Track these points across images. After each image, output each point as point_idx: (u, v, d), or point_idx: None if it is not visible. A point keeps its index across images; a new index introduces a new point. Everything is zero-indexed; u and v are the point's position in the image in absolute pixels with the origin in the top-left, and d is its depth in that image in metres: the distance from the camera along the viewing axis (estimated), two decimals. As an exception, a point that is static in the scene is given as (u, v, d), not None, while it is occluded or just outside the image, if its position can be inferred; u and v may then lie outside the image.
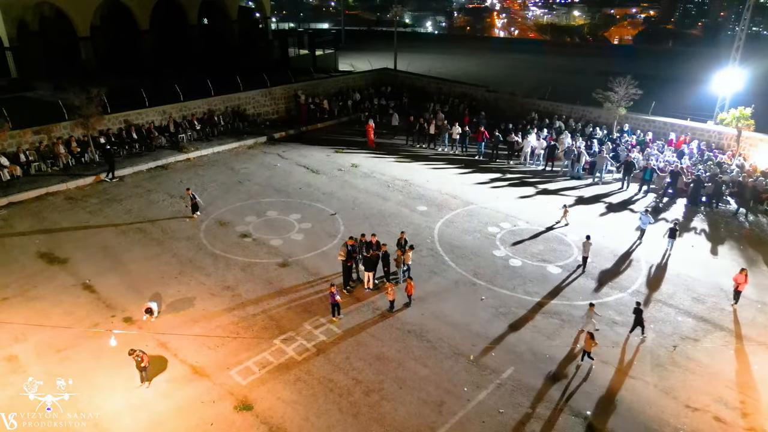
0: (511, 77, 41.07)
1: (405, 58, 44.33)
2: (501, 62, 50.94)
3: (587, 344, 13.41)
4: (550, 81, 37.87)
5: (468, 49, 58.08)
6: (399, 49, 44.06)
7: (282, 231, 19.97)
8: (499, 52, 57.25)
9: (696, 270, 18.09)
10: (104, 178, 23.77)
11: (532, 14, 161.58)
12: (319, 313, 15.38)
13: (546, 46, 77.02)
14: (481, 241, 19.72)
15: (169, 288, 16.26)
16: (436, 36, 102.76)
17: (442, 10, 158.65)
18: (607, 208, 22.83)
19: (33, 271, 16.88)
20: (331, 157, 27.91)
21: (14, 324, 14.35)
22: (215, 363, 13.39)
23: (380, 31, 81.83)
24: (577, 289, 16.94)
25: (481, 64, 49.55)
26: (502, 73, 43.38)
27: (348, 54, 49.64)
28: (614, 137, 29.00)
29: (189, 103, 29.17)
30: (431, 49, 56.98)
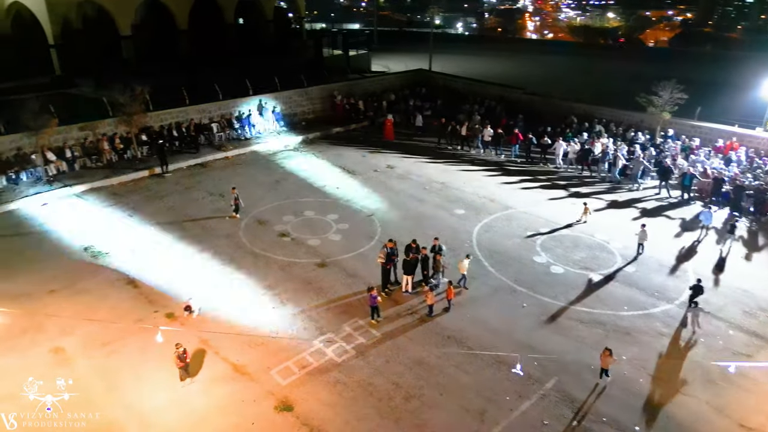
0: (545, 79, 40.30)
1: (436, 59, 44.09)
2: (533, 64, 50.11)
3: (604, 360, 12.97)
4: (585, 83, 37.23)
5: (499, 51, 57.28)
6: (432, 50, 43.84)
7: (320, 231, 19.98)
8: (531, 54, 56.31)
9: (747, 282, 17.40)
10: (159, 171, 24.39)
11: (564, 16, 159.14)
12: (357, 314, 15.30)
13: (579, 48, 75.63)
14: (521, 246, 19.37)
15: (210, 285, 16.39)
16: (466, 37, 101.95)
17: (473, 11, 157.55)
18: (646, 215, 22.21)
19: (79, 265, 17.26)
20: (367, 158, 27.87)
21: (62, 317, 14.66)
22: (256, 362, 13.43)
23: (411, 32, 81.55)
24: (621, 299, 16.48)
25: (514, 65, 48.86)
26: (535, 75, 42.62)
27: (381, 55, 49.56)
28: (657, 142, 28.26)
29: (227, 102, 29.50)
30: (462, 50, 56.44)
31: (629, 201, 23.55)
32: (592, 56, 56.07)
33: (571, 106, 32.82)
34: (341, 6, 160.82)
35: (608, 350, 12.84)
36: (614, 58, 57.52)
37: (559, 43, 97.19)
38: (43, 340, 13.88)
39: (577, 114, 32.16)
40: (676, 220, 21.74)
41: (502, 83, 37.83)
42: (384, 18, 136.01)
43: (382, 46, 57.23)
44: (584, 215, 21.25)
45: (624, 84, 35.43)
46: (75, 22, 41.47)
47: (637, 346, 14.47)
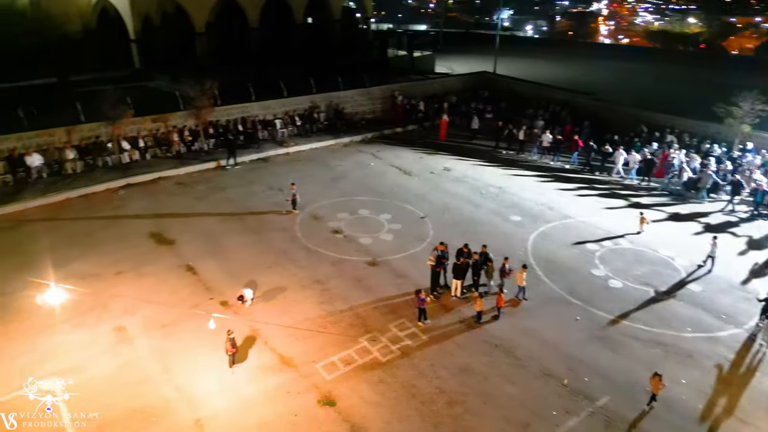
0: (616, 86, 38.79)
1: (502, 61, 43.34)
2: (605, 69, 48.23)
3: (654, 385, 12.24)
4: (659, 91, 35.52)
5: (569, 55, 55.50)
6: (499, 53, 43.17)
7: (372, 230, 20.10)
8: (603, 59, 54.18)
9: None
10: (225, 164, 25.37)
11: (641, 20, 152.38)
12: (405, 316, 15.27)
13: (655, 54, 72.16)
14: (579, 257, 18.73)
15: (263, 276, 16.84)
16: (535, 40, 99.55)
17: (544, 14, 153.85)
18: (712, 230, 20.96)
19: (144, 249, 18.17)
20: (424, 160, 27.79)
21: (126, 297, 15.47)
22: (302, 355, 13.66)
23: (478, 34, 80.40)
24: (685, 320, 15.61)
25: (584, 70, 47.25)
26: (605, 81, 41.02)
27: (445, 56, 49.19)
28: (734, 156, 26.58)
29: (291, 99, 30.22)
30: (530, 54, 55.13)
31: (694, 215, 22.38)
32: (669, 63, 53.33)
33: (642, 115, 31.39)
34: (409, 7, 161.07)
35: (658, 375, 12.16)
36: (694, 66, 54.70)
37: (634, 48, 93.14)
38: (108, 318, 14.71)
39: (647, 123, 30.77)
40: (744, 237, 20.46)
41: (569, 88, 36.72)
42: (452, 20, 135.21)
43: (447, 47, 56.82)
44: (641, 225, 20.48)
45: (702, 93, 33.52)
46: (155, 19, 43.75)
47: (698, 370, 13.67)
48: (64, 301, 14.11)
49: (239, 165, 25.62)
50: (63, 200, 21.20)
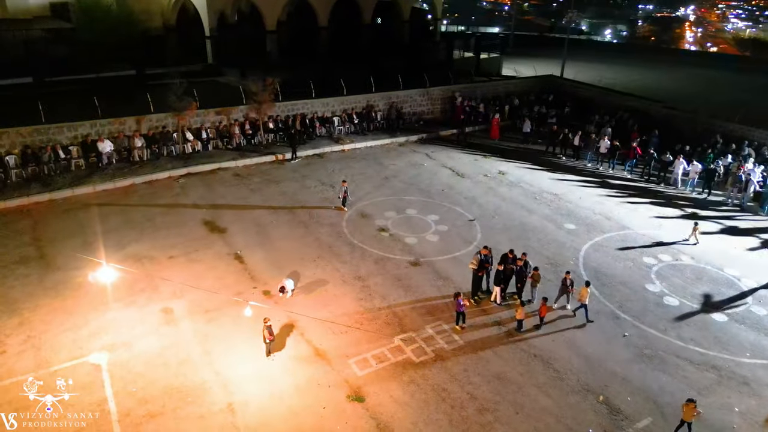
0: (695, 94, 36.51)
1: (575, 66, 42.00)
2: (685, 77, 45.56)
3: (686, 412, 11.31)
4: (744, 102, 33.15)
5: (648, 61, 52.61)
6: (571, 57, 41.87)
7: (418, 230, 19.97)
8: (685, 66, 51.16)
9: None
10: (287, 158, 26.13)
11: (731, 27, 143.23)
12: (442, 318, 15.07)
13: (743, 62, 67.27)
14: (633, 271, 17.81)
15: (307, 269, 17.11)
16: (614, 45, 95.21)
17: (625, 18, 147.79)
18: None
19: (197, 236, 18.89)
20: (479, 162, 27.33)
21: (175, 281, 16.15)
22: (336, 349, 13.76)
23: (552, 38, 77.96)
24: (744, 344, 14.52)
25: (661, 77, 44.83)
26: (684, 89, 38.77)
27: (515, 59, 48.07)
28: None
29: (350, 97, 30.54)
30: (606, 59, 52.90)
31: (762, 231, 20.81)
32: (758, 72, 49.61)
33: (718, 125, 29.49)
34: (484, 10, 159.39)
35: (692, 402, 11.29)
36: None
37: (721, 56, 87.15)
38: (157, 299, 15.40)
39: (723, 134, 28.86)
40: None
41: (640, 95, 35.00)
42: (527, 23, 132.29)
43: (518, 50, 55.63)
44: (694, 235, 19.58)
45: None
46: (230, 17, 45.54)
47: (755, 399, 12.68)
48: (118, 281, 14.90)
49: (299, 158, 26.22)
50: (129, 185, 22.42)
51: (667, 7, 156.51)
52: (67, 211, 20.15)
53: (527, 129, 30.85)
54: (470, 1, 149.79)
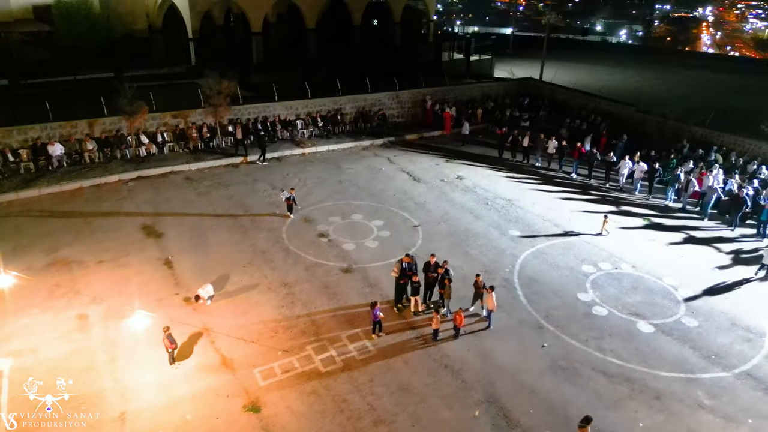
0: (686, 98, 35.83)
1: (572, 68, 41.78)
2: (685, 79, 44.43)
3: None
4: (735, 105, 32.71)
5: (658, 64, 51.47)
6: (572, 59, 41.55)
7: (359, 236, 19.78)
8: (691, 69, 49.88)
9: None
10: (256, 160, 26.30)
11: (750, 27, 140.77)
12: (361, 326, 14.87)
13: (754, 64, 65.15)
14: (569, 279, 17.51)
15: (235, 275, 16.99)
16: (625, 47, 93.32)
17: (641, 18, 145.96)
18: (719, 257, 19.34)
19: (132, 240, 18.83)
20: (440, 167, 27.08)
21: (98, 286, 16.10)
22: (244, 358, 13.61)
23: (559, 39, 76.37)
24: (666, 357, 14.19)
25: (658, 80, 43.90)
26: (677, 92, 37.88)
27: (514, 61, 47.36)
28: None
29: (315, 100, 30.42)
30: (610, 60, 51.94)
31: (715, 240, 20.55)
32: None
33: (688, 129, 28.99)
34: (498, 10, 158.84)
35: (585, 426, 10.93)
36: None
37: (739, 59, 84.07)
38: (75, 305, 15.32)
39: (692, 138, 28.40)
40: (752, 267, 18.49)
41: (615, 98, 34.53)
42: (539, 23, 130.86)
43: (521, 52, 54.99)
44: (603, 227, 20.39)
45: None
46: (218, 18, 45.57)
47: (663, 415, 12.36)
48: (38, 286, 14.94)
49: (267, 161, 26.35)
50: (77, 188, 22.43)
51: (684, 7, 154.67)
52: (7, 216, 20.19)
53: (466, 131, 30.77)
54: (485, 2, 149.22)
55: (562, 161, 27.10)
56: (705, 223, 21.97)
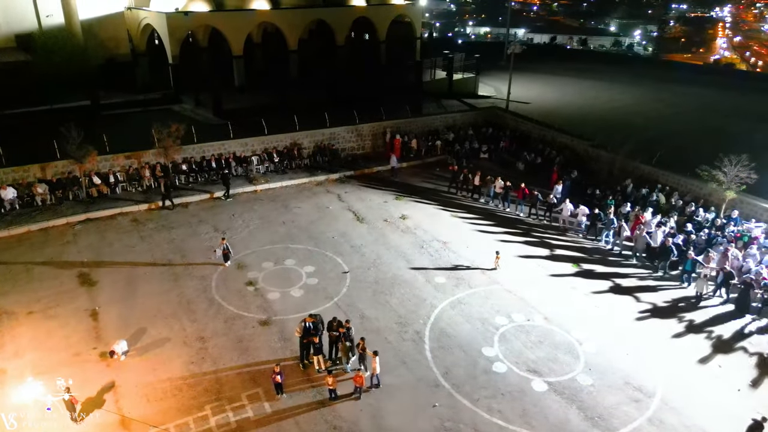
0: (660, 120, 36.51)
1: (562, 84, 42.10)
2: (674, 98, 44.28)
3: None
4: (713, 132, 33.60)
5: (648, 79, 51.56)
6: (565, 73, 42.02)
7: (287, 283, 20.49)
8: (687, 84, 49.79)
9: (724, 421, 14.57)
10: (221, 196, 27.52)
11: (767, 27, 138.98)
12: (263, 384, 15.54)
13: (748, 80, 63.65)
14: (479, 333, 18.10)
15: (154, 328, 17.74)
16: (624, 57, 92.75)
17: (656, 18, 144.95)
18: (635, 308, 19.94)
19: (65, 289, 19.66)
20: (388, 204, 27.73)
21: (22, 339, 16.94)
22: (143, 417, 14.31)
23: (563, 49, 74.36)
24: (550, 418, 14.76)
25: (643, 97, 44.19)
26: (658, 115, 38.35)
27: (505, 74, 47.55)
28: (718, 223, 24.34)
29: (271, 136, 31.22)
30: (602, 75, 52.30)
31: (633, 288, 21.12)
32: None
33: (635, 167, 29.39)
34: (510, 10, 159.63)
35: None
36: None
37: (751, 75, 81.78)
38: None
39: (640, 176, 28.85)
40: (665, 320, 19.10)
41: (572, 131, 35.03)
42: (555, 23, 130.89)
43: (517, 63, 54.99)
44: (496, 263, 21.95)
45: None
46: (202, 41, 46.46)
47: (530, 482, 12.96)
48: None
49: (231, 197, 27.60)
50: (24, 232, 23.34)
51: (701, 6, 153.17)
52: (-48, 262, 21.17)
53: (394, 164, 31.91)
54: (498, 2, 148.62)
55: (507, 201, 27.69)
56: (633, 271, 22.48)
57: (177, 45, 43.18)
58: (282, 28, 46.95)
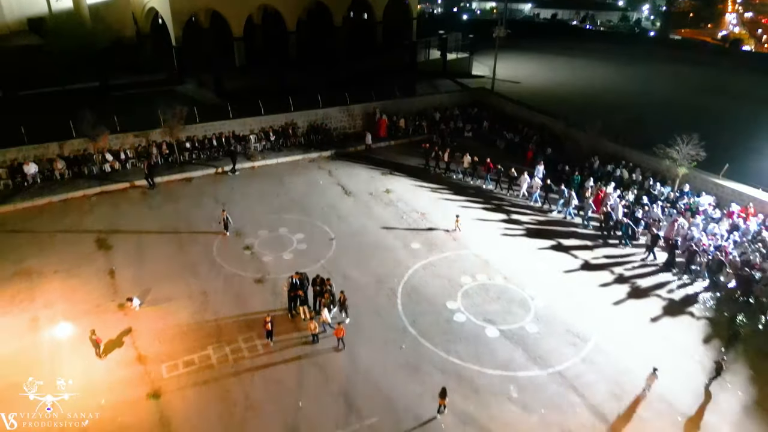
0: (639, 100, 38.78)
1: (556, 63, 44.11)
2: (664, 77, 46.27)
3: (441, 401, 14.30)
4: (691, 111, 36.08)
5: (644, 60, 53.50)
6: (561, 53, 43.77)
7: (280, 248, 23.20)
8: (681, 63, 51.66)
9: (634, 360, 17.29)
10: (228, 171, 29.96)
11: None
12: (256, 330, 18.27)
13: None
14: (445, 290, 20.81)
15: (163, 284, 20.52)
16: (624, 35, 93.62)
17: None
18: (586, 271, 22.59)
19: (86, 253, 22.44)
20: (374, 180, 30.30)
21: (51, 294, 19.77)
22: (155, 355, 17.17)
23: (568, 26, 74.60)
24: (497, 357, 17.52)
25: (633, 79, 46.17)
26: (636, 94, 40.55)
27: (502, 53, 48.86)
28: (672, 198, 26.88)
29: (269, 116, 33.67)
30: (598, 54, 54.07)
31: (587, 253, 23.72)
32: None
33: (604, 144, 31.77)
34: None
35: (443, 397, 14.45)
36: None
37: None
38: (30, 309, 19.00)
39: (606, 153, 31.24)
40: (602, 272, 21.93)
41: (550, 111, 37.25)
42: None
43: (513, 42, 56.14)
44: (456, 225, 24.84)
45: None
46: (204, 22, 48.51)
47: (473, 405, 15.73)
48: (3, 294, 18.69)
49: (238, 171, 30.26)
50: (45, 203, 26.09)
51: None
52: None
53: (369, 141, 34.57)
54: None
55: (475, 174, 30.57)
56: (582, 234, 25.28)
57: (180, 27, 45.23)
58: (281, 10, 48.92)
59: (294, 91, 35.75)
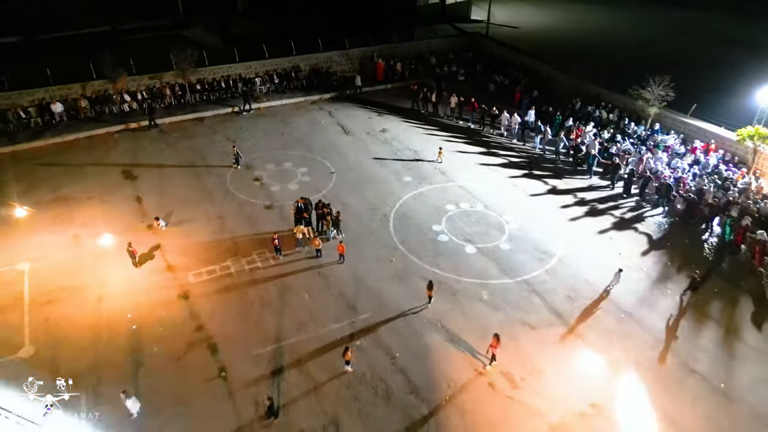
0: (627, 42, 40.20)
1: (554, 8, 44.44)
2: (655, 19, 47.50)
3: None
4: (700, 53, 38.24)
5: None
6: None
7: (285, 180, 25.95)
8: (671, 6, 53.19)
9: (599, 271, 20.29)
10: (241, 110, 32.53)
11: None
12: (267, 247, 21.26)
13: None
14: (431, 215, 23.66)
15: (184, 209, 23.41)
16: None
17: None
18: (555, 197, 25.37)
19: (114, 182, 25.24)
20: (372, 120, 32.68)
21: (87, 216, 22.70)
22: (182, 265, 20.24)
23: None
24: (472, 269, 20.53)
25: (626, 21, 47.28)
26: (626, 37, 41.98)
27: (503, 2, 50.11)
28: (643, 136, 29.32)
29: (272, 60, 35.65)
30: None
31: (557, 183, 26.60)
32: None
33: (586, 87, 33.85)
34: None
35: (430, 289, 17.50)
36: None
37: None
38: (70, 228, 21.98)
39: (588, 95, 33.38)
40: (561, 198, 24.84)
41: (538, 55, 38.93)
42: None
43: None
44: (439, 157, 27.54)
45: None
46: None
47: (451, 304, 18.85)
48: (45, 215, 21.56)
49: (252, 110, 32.62)
50: (73, 139, 28.71)
51: None
52: (23, 161, 26.65)
53: (358, 83, 36.70)
54: None
55: (460, 114, 32.98)
56: (556, 168, 28.00)
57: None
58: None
59: (296, 35, 37.60)
